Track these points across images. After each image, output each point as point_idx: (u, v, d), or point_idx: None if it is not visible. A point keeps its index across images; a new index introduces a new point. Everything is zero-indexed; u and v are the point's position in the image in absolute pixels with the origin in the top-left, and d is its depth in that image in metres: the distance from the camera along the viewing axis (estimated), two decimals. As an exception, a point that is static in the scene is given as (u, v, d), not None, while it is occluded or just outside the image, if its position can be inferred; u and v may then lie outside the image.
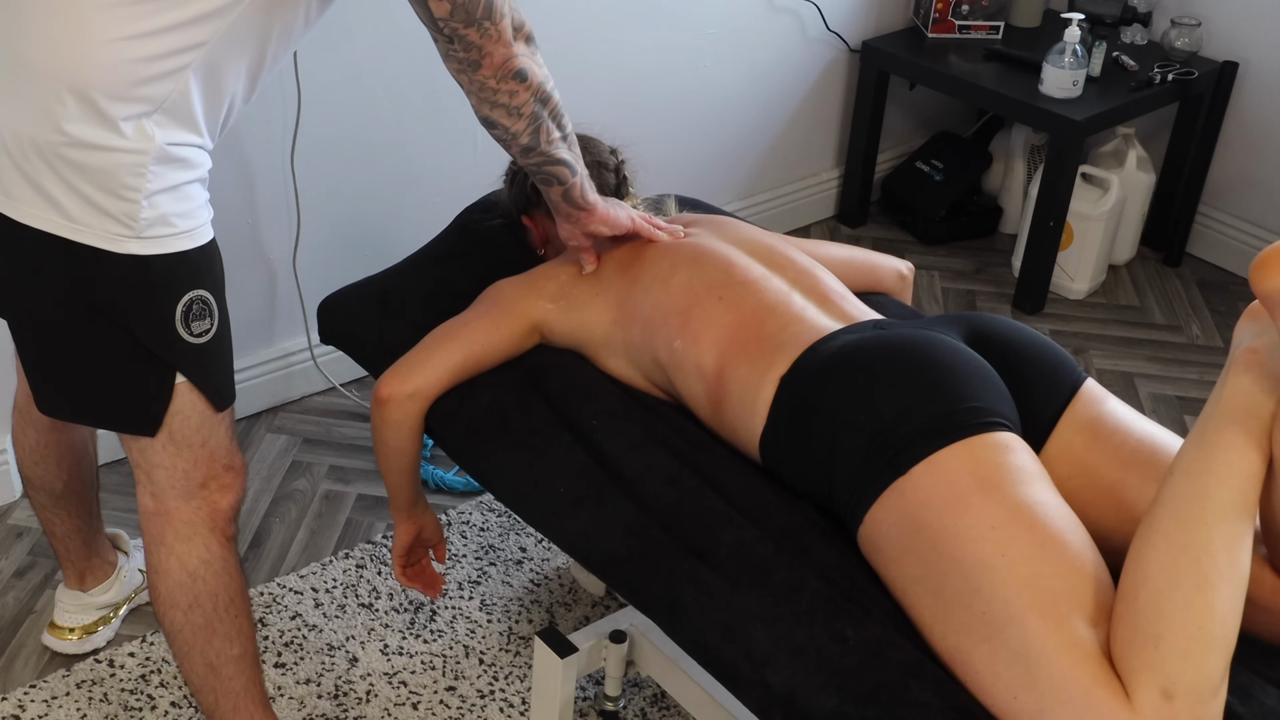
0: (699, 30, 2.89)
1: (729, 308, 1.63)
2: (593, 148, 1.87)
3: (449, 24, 1.42)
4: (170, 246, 1.42)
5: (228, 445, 1.59)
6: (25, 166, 1.36)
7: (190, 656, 1.63)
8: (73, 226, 1.37)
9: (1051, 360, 1.57)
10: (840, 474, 1.44)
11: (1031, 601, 1.26)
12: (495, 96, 1.50)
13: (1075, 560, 1.30)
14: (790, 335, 1.57)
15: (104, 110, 1.33)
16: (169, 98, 1.36)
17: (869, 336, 1.54)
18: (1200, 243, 3.31)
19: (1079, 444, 1.51)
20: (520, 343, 1.76)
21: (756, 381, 1.55)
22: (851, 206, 3.38)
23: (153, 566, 1.60)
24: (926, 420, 1.39)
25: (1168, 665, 1.19)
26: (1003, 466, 1.36)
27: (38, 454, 1.84)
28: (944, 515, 1.34)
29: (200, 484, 1.57)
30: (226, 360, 1.56)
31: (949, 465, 1.37)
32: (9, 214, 1.39)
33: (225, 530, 1.61)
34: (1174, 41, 3.06)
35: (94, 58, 1.31)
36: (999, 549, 1.30)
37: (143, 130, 1.35)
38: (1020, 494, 1.34)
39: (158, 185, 1.38)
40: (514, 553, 2.26)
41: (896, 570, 1.39)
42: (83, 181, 1.35)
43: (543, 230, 1.88)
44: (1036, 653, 1.24)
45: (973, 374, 1.46)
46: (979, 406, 1.41)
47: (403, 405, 1.69)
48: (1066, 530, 1.32)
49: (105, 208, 1.36)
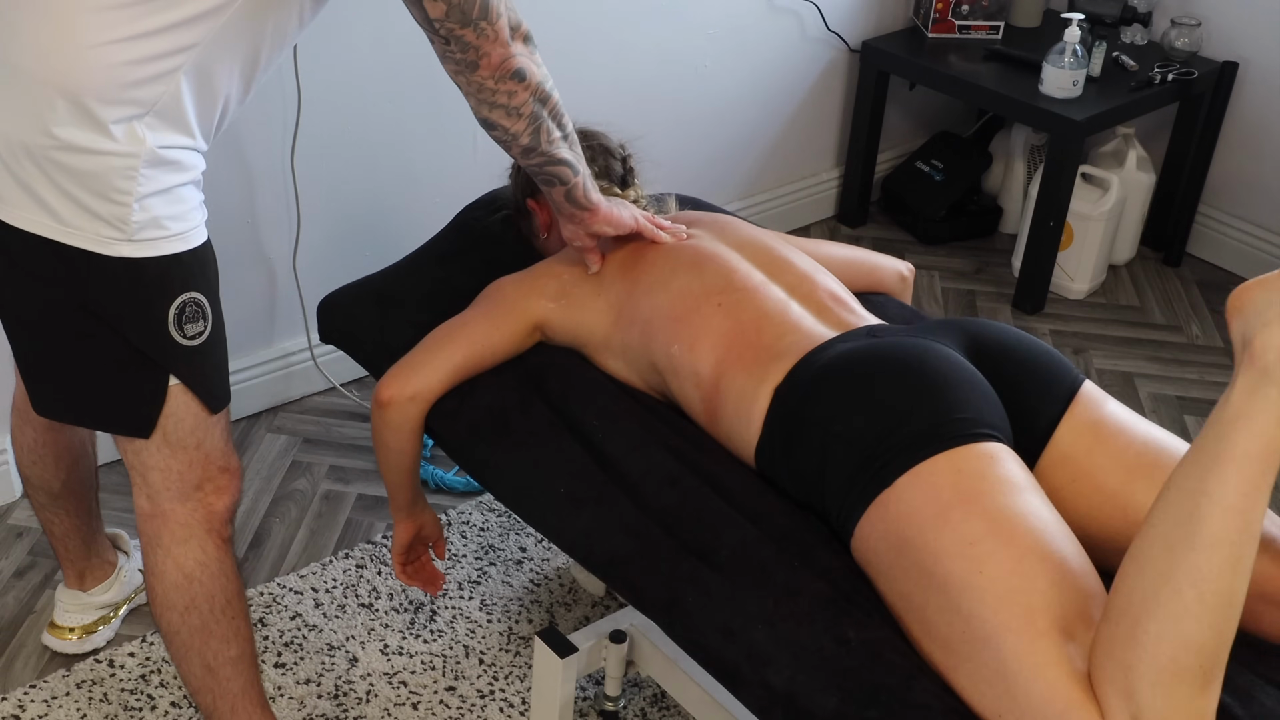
0: (699, 30, 2.89)
1: (727, 315, 1.62)
2: (599, 137, 1.88)
3: (445, 25, 1.41)
4: (162, 249, 1.41)
5: (223, 447, 1.58)
6: (17, 170, 1.36)
7: (187, 658, 1.63)
8: (64, 229, 1.37)
9: (1048, 364, 1.55)
10: (831, 486, 1.44)
11: (1008, 620, 1.24)
12: (494, 97, 1.49)
13: (1057, 572, 1.27)
14: (786, 345, 1.57)
15: (95, 114, 1.33)
16: (160, 100, 1.36)
17: (861, 346, 1.53)
18: (1200, 243, 3.31)
19: (1080, 449, 1.50)
20: (521, 342, 1.75)
21: (752, 391, 1.55)
22: (851, 206, 3.38)
23: (149, 568, 1.60)
24: (913, 431, 1.38)
25: (1137, 694, 1.16)
26: (986, 477, 1.35)
27: (36, 453, 1.84)
28: (925, 531, 1.33)
29: (195, 486, 1.57)
30: (221, 362, 1.56)
31: (932, 477, 1.36)
32: (1, 217, 1.39)
33: (221, 532, 1.61)
34: (1174, 41, 3.06)
35: (84, 61, 1.31)
36: (975, 566, 1.28)
37: (133, 133, 1.35)
38: (1002, 505, 1.32)
39: (149, 188, 1.38)
40: (514, 553, 2.26)
41: (885, 585, 1.39)
42: (74, 185, 1.35)
43: (548, 214, 1.87)
44: (1014, 673, 1.23)
45: (962, 383, 1.45)
46: (967, 417, 1.40)
47: (403, 408, 1.69)
48: (1050, 540, 1.30)
49: (96, 211, 1.36)
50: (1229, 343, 2.99)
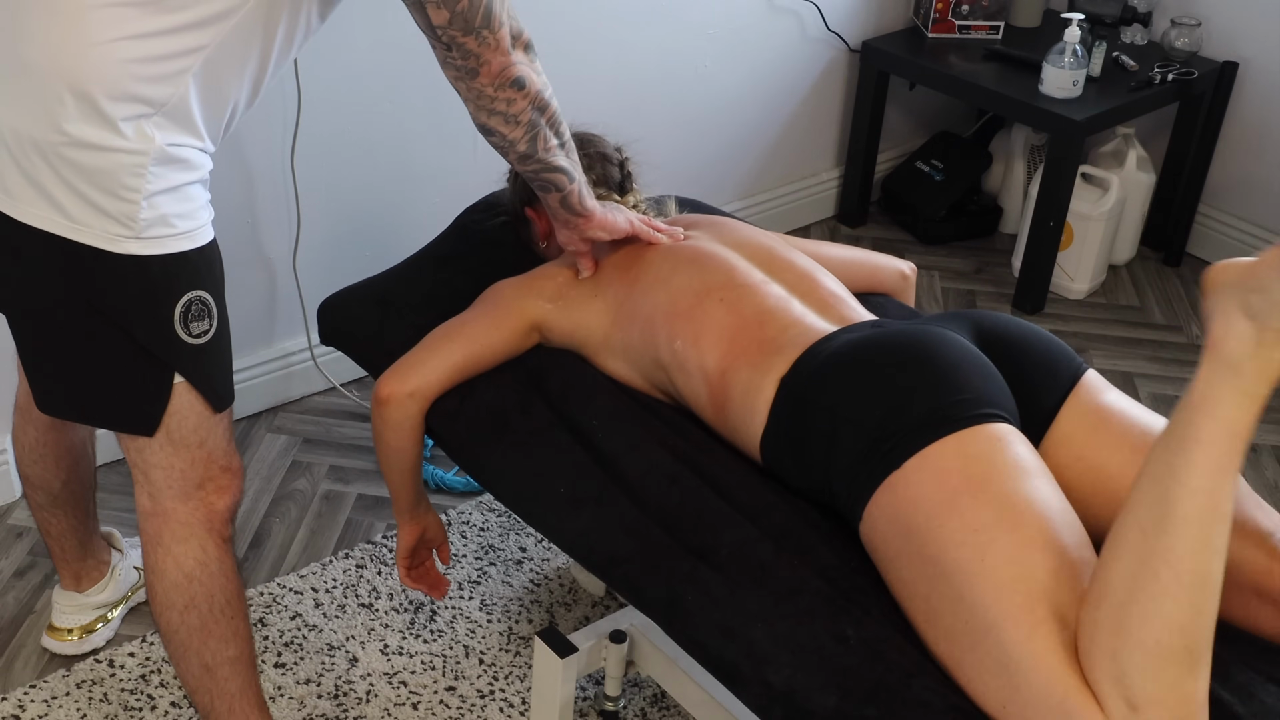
0: (699, 30, 2.89)
1: (729, 310, 1.63)
2: (597, 143, 1.88)
3: (447, 32, 1.42)
4: (169, 247, 1.42)
5: (225, 446, 1.58)
6: (26, 165, 1.36)
7: (186, 657, 1.63)
8: (72, 226, 1.37)
9: (1051, 352, 1.56)
10: (839, 469, 1.45)
11: (1008, 609, 1.25)
12: (493, 104, 1.50)
13: (1060, 559, 1.28)
14: (790, 338, 1.57)
15: (104, 110, 1.33)
16: (169, 101, 1.36)
17: (867, 334, 1.54)
18: (1200, 243, 3.31)
19: (1083, 430, 1.51)
20: (519, 342, 1.76)
21: (758, 383, 1.56)
22: (851, 206, 3.38)
23: (149, 566, 1.60)
24: (921, 413, 1.39)
25: (1127, 678, 1.18)
26: (995, 463, 1.35)
27: (36, 452, 1.84)
28: (932, 518, 1.33)
29: (197, 484, 1.57)
30: (225, 361, 1.56)
31: (941, 461, 1.36)
32: (9, 212, 1.39)
33: (222, 532, 1.61)
34: (1174, 41, 3.06)
35: (93, 57, 1.31)
36: (978, 554, 1.28)
37: (142, 131, 1.35)
38: (1009, 490, 1.33)
39: (157, 186, 1.38)
40: (514, 553, 2.26)
41: (892, 573, 1.39)
42: (82, 181, 1.35)
43: (546, 223, 1.88)
44: (1015, 662, 1.23)
45: (969, 365, 1.46)
46: (974, 398, 1.41)
47: (403, 405, 1.69)
48: (1056, 527, 1.30)
49: (105, 208, 1.36)
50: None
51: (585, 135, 1.86)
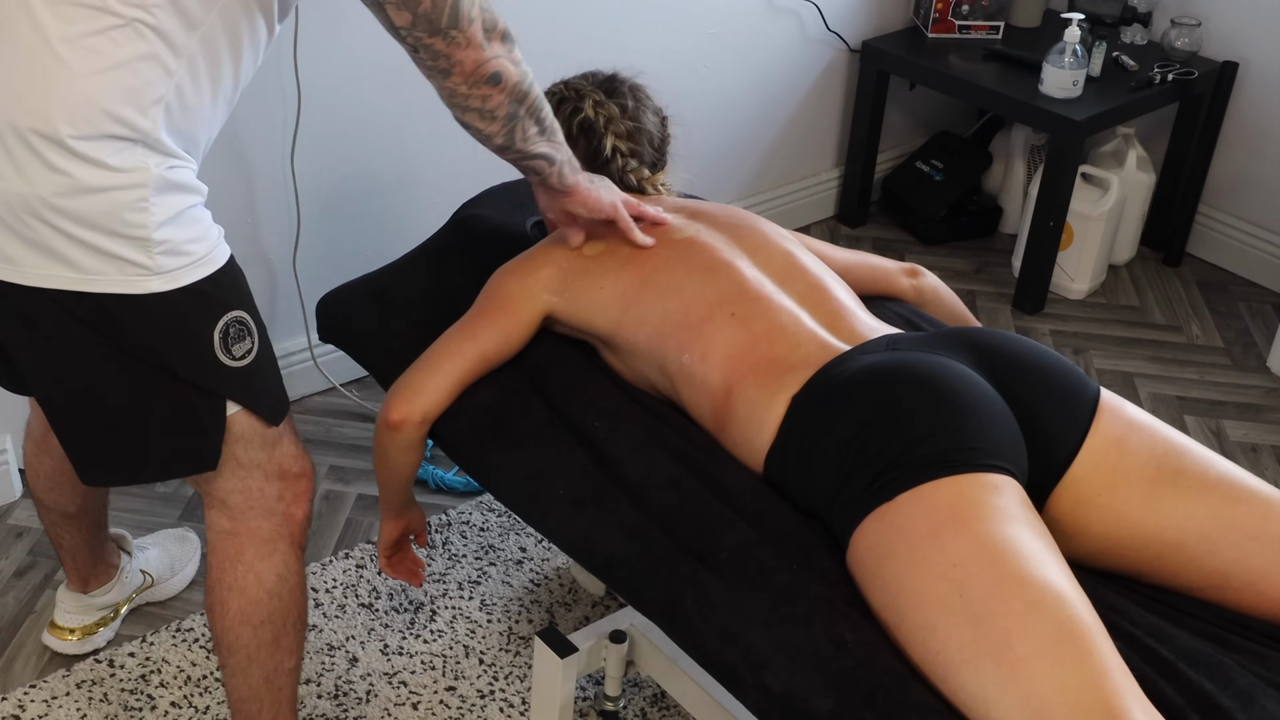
0: (699, 30, 2.89)
1: (740, 325, 1.61)
2: (641, 110, 1.84)
3: (412, 34, 1.36)
4: (192, 275, 1.36)
5: (294, 451, 1.56)
6: (23, 230, 1.29)
7: (249, 670, 1.60)
8: (87, 278, 1.31)
9: (1065, 380, 1.54)
10: (843, 498, 1.44)
11: (983, 645, 1.25)
12: (467, 101, 1.46)
13: (1038, 598, 1.26)
14: (802, 356, 1.56)
15: (81, 151, 1.27)
16: (149, 128, 1.30)
17: (885, 361, 1.52)
18: (1200, 243, 3.31)
19: (1106, 465, 1.49)
20: (529, 335, 1.74)
21: (766, 401, 1.54)
22: (851, 206, 3.38)
23: (225, 584, 1.56)
24: (929, 453, 1.38)
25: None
26: (984, 505, 1.34)
27: (53, 480, 1.81)
28: (914, 547, 1.33)
29: (276, 498, 1.54)
30: (274, 375, 1.51)
31: (933, 497, 1.36)
32: (17, 280, 1.32)
33: (301, 541, 1.60)
34: (1174, 41, 3.06)
35: (62, 96, 1.25)
36: (956, 588, 1.28)
37: (134, 161, 1.30)
38: (992, 530, 1.31)
39: (161, 216, 1.32)
40: (514, 553, 2.26)
41: (869, 596, 1.39)
42: (86, 230, 1.29)
43: None
44: (994, 700, 1.23)
45: (983, 410, 1.44)
46: (986, 449, 1.40)
47: (416, 429, 1.67)
48: (1036, 567, 1.29)
49: (115, 251, 1.31)
50: (1229, 342, 2.99)
51: (635, 89, 1.84)
